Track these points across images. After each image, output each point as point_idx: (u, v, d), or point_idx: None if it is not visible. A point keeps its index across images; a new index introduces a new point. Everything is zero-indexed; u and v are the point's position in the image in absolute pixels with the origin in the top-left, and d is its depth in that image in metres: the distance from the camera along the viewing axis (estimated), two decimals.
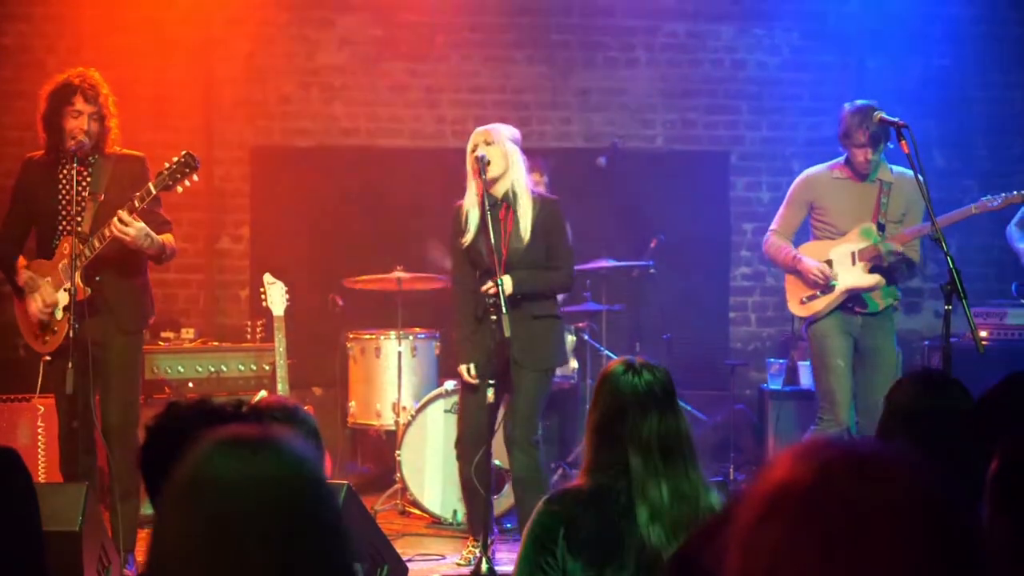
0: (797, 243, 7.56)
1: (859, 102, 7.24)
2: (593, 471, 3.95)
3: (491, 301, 6.47)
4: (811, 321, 7.40)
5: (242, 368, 8.48)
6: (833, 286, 7.28)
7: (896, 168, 7.36)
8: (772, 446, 8.78)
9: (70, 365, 6.17)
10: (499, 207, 6.72)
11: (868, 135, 7.12)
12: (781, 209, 7.64)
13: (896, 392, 3.97)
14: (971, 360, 6.64)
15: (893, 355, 7.42)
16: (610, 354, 8.81)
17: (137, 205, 6.34)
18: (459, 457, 7.00)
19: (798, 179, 7.63)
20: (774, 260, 7.73)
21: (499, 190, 6.74)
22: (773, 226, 7.62)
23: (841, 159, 7.44)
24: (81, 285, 6.37)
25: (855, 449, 1.62)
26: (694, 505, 3.83)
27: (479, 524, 6.85)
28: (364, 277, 8.63)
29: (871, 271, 7.27)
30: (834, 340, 7.32)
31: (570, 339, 8.72)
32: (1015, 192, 7.27)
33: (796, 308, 7.48)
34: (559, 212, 6.96)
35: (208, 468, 1.83)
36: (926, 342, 9.21)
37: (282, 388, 7.57)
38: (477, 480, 6.80)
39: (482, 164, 6.65)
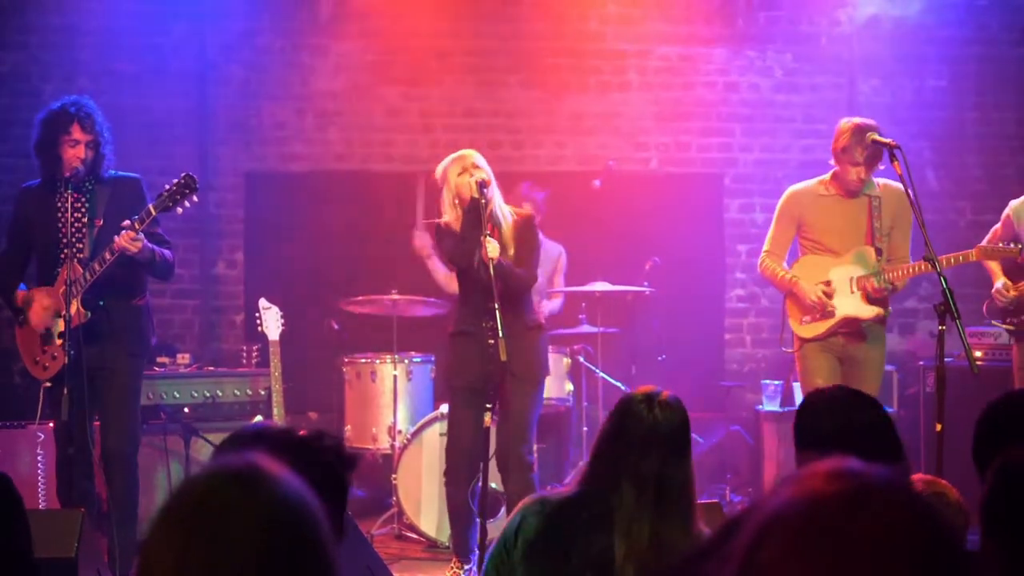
0: (790, 258, 7.55)
1: (858, 119, 7.16)
2: (584, 482, 3.97)
3: (488, 325, 6.48)
4: (803, 343, 7.37)
5: (238, 393, 8.47)
6: (833, 312, 7.23)
7: (880, 180, 7.31)
8: (768, 468, 8.79)
9: (66, 391, 6.19)
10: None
11: (867, 154, 7.05)
12: (771, 228, 7.60)
13: (801, 409, 4.00)
14: (966, 380, 6.67)
15: (879, 367, 7.35)
16: (606, 376, 8.83)
17: (138, 226, 6.38)
18: (450, 482, 6.99)
19: (784, 196, 7.56)
20: (769, 280, 7.73)
21: (487, 212, 6.77)
22: (766, 247, 7.58)
23: (827, 175, 7.37)
24: (82, 310, 6.41)
25: (849, 476, 1.63)
26: (670, 557, 3.80)
27: (464, 546, 6.89)
28: (360, 297, 8.65)
29: (870, 300, 7.22)
30: (815, 360, 7.31)
31: (565, 361, 8.74)
32: (1013, 244, 7.24)
33: (798, 328, 7.39)
34: (533, 225, 7.12)
35: (199, 496, 1.84)
36: (921, 362, 9.21)
37: (278, 413, 7.58)
38: (475, 505, 6.81)
39: (483, 187, 6.69)
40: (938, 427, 6.02)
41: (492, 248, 6.56)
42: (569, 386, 8.74)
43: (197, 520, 1.79)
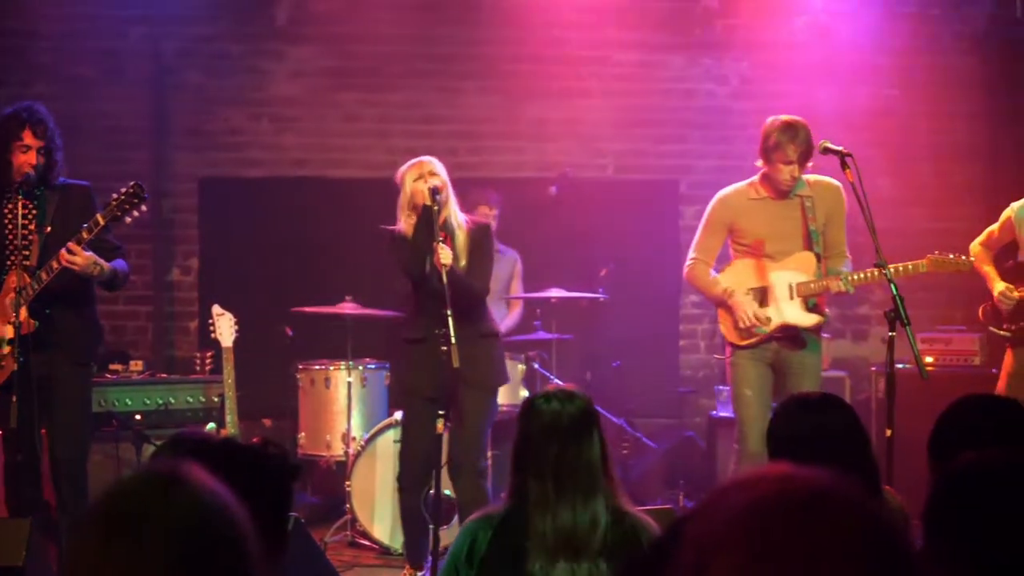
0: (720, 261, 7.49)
1: (785, 116, 7.06)
2: (510, 495, 4.02)
3: (441, 332, 6.48)
4: (734, 349, 7.27)
5: (191, 400, 8.45)
6: (769, 318, 7.14)
7: (809, 177, 7.20)
8: (722, 473, 8.81)
9: (14, 399, 6.15)
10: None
11: (799, 152, 6.93)
12: (699, 234, 7.43)
13: (777, 419, 4.03)
14: (917, 386, 6.70)
15: (815, 373, 7.26)
16: (560, 383, 8.82)
17: (86, 236, 6.34)
18: (403, 488, 6.98)
19: (713, 202, 7.42)
20: (700, 291, 7.63)
21: (440, 220, 6.75)
22: (693, 253, 7.41)
23: (756, 177, 7.26)
24: (28, 318, 6.36)
25: (798, 485, 1.63)
26: (577, 537, 3.87)
27: (417, 552, 6.88)
28: (312, 309, 8.63)
29: (809, 308, 7.15)
30: (744, 368, 7.21)
31: (520, 368, 8.74)
32: (964, 257, 7.19)
33: (729, 334, 7.29)
34: (489, 234, 7.14)
35: (119, 500, 1.84)
36: (873, 368, 9.26)
37: (231, 420, 7.55)
38: (428, 512, 6.81)
39: (438, 195, 6.68)
40: (888, 432, 6.06)
41: (444, 255, 6.55)
42: (524, 392, 8.73)
43: (116, 524, 1.80)
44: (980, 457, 2.79)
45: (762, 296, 7.21)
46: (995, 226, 7.78)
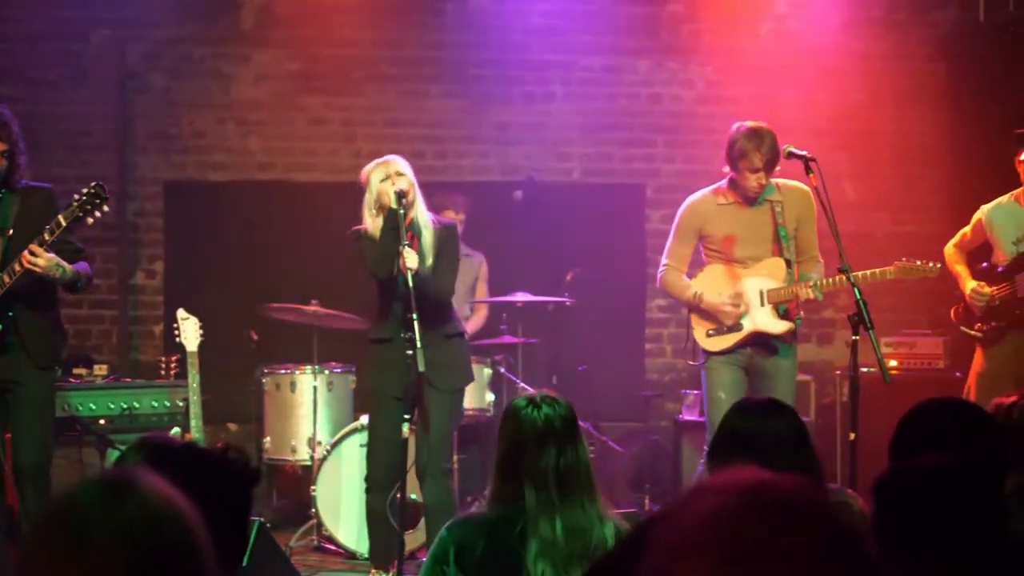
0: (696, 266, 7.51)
1: (751, 123, 7.02)
2: (495, 502, 4.02)
3: (407, 336, 6.46)
4: (708, 355, 7.28)
5: (155, 405, 8.40)
6: (741, 325, 7.15)
7: (779, 181, 7.19)
8: (687, 477, 8.82)
9: None
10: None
11: (765, 160, 6.90)
12: (670, 241, 7.43)
13: (731, 416, 4.05)
14: (881, 390, 6.73)
15: (789, 377, 7.29)
16: (526, 387, 8.81)
17: (47, 238, 6.30)
18: (370, 488, 6.95)
19: (683, 208, 7.40)
20: (673, 297, 7.65)
21: (407, 221, 6.74)
22: (665, 259, 7.42)
23: (724, 183, 7.23)
24: None
25: (763, 490, 1.63)
26: (587, 539, 3.90)
27: (382, 557, 6.86)
28: (278, 305, 8.61)
29: (780, 314, 7.16)
30: (719, 372, 7.21)
31: (486, 372, 8.72)
32: (931, 264, 7.18)
33: (704, 341, 7.28)
34: (455, 235, 7.13)
35: (69, 506, 1.83)
36: (837, 372, 9.30)
37: (195, 424, 7.51)
38: (392, 515, 6.79)
39: (404, 198, 6.66)
40: (852, 436, 6.09)
41: (411, 259, 6.53)
42: (490, 396, 8.73)
43: (67, 531, 1.78)
44: (910, 463, 2.82)
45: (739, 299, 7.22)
46: (967, 228, 7.90)
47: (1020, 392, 4.32)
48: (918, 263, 7.13)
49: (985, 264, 7.79)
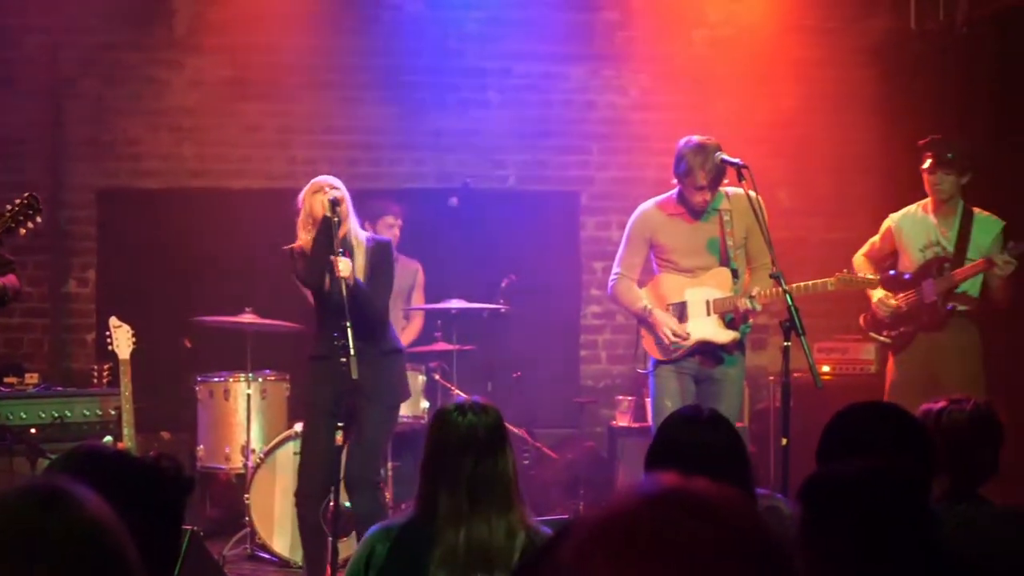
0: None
1: (698, 138, 7.00)
2: (416, 507, 4.02)
3: (340, 343, 6.45)
4: (656, 363, 7.32)
5: (87, 413, 8.31)
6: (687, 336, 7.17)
7: (728, 190, 7.20)
8: (621, 482, 8.84)
9: None
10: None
11: (710, 177, 6.92)
12: (621, 250, 7.44)
13: (666, 425, 4.07)
14: (814, 394, 6.78)
15: (737, 384, 7.37)
16: (461, 394, 8.82)
17: None
18: (301, 503, 6.94)
19: (634, 217, 7.41)
20: (624, 308, 7.66)
21: (340, 236, 6.72)
22: (617, 268, 7.42)
23: (674, 194, 7.24)
24: None
25: (682, 488, 1.65)
26: (488, 551, 3.88)
27: (316, 565, 6.85)
28: (212, 318, 8.57)
29: (726, 324, 7.19)
30: (666, 380, 7.24)
31: (420, 379, 8.72)
32: (871, 275, 7.36)
33: (651, 349, 7.32)
34: (389, 251, 7.11)
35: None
36: (771, 377, 9.36)
37: (128, 433, 7.48)
38: (326, 524, 6.78)
39: (337, 206, 6.65)
40: (784, 441, 6.13)
41: (344, 266, 6.53)
42: (425, 403, 8.72)
43: None
44: (836, 467, 2.85)
45: (680, 312, 7.25)
46: (876, 237, 8.09)
47: (949, 398, 4.36)
48: (859, 275, 7.30)
49: (893, 272, 7.93)
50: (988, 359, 7.83)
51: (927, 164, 7.68)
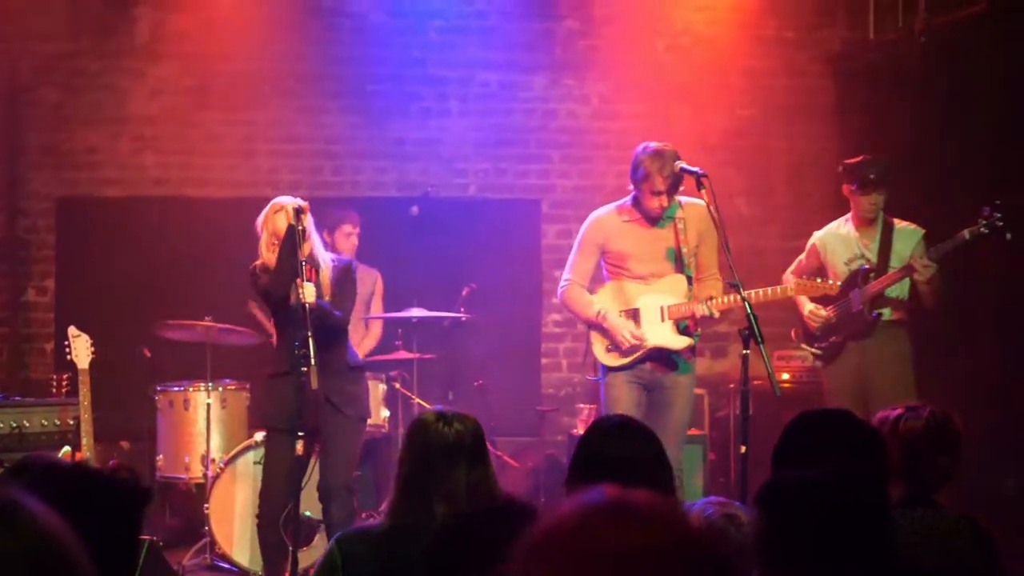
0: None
1: (655, 145, 7.06)
2: (396, 514, 4.00)
3: (301, 352, 6.44)
4: (607, 370, 7.33)
5: (45, 423, 8.26)
6: (642, 343, 7.18)
7: (682, 199, 7.25)
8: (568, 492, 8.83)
9: None
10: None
11: (668, 182, 6.97)
12: (573, 256, 7.49)
13: (588, 437, 4.09)
14: (773, 402, 6.82)
15: (688, 392, 7.36)
16: (421, 403, 8.82)
17: None
18: (264, 524, 6.91)
19: (587, 223, 7.46)
20: (574, 313, 7.66)
21: (304, 250, 6.70)
22: (567, 275, 7.46)
23: (628, 200, 7.30)
24: None
25: (618, 497, 1.68)
26: None
27: (276, 574, 6.83)
28: (172, 322, 8.54)
29: (680, 331, 7.23)
30: (618, 389, 7.25)
31: (381, 388, 8.72)
32: (830, 281, 7.44)
33: (603, 356, 7.31)
34: (352, 272, 7.12)
35: None
36: (731, 385, 9.39)
37: (86, 443, 7.44)
38: (285, 533, 6.75)
39: (300, 213, 6.65)
40: (743, 449, 6.15)
41: (309, 292, 6.52)
42: (385, 412, 8.72)
43: None
44: (792, 475, 2.87)
45: (633, 319, 7.26)
46: (802, 255, 8.31)
47: (906, 405, 4.40)
48: (817, 280, 7.41)
49: None
50: (919, 364, 7.97)
51: (855, 187, 7.86)
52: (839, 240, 8.10)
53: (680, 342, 7.22)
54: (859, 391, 7.80)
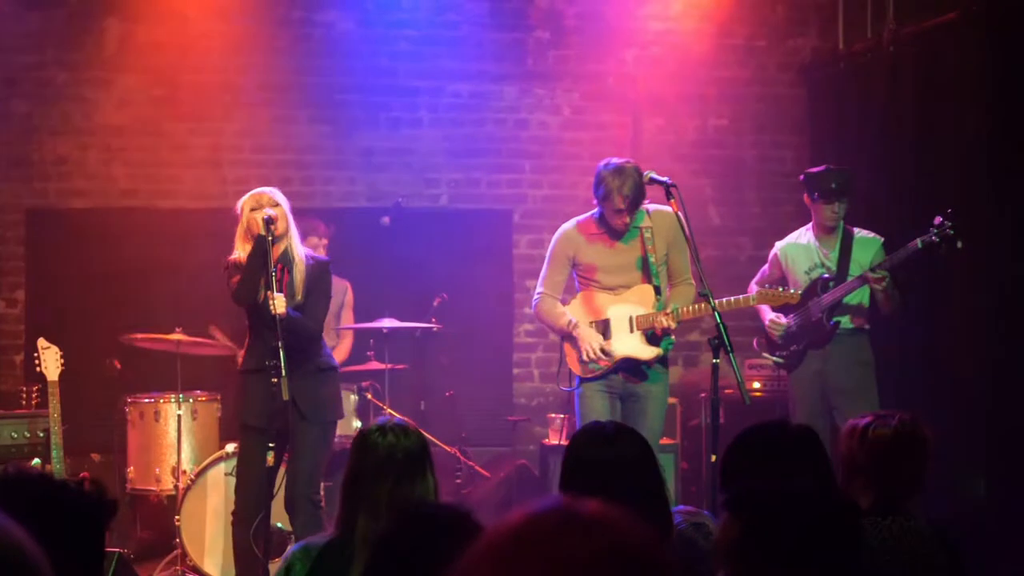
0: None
1: (617, 161, 7.14)
2: (337, 525, 4.01)
3: (272, 364, 6.43)
4: (580, 380, 7.39)
5: (15, 435, 8.23)
6: (611, 354, 7.24)
7: (650, 207, 7.30)
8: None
9: None
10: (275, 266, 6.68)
11: (628, 201, 7.02)
12: (545, 268, 7.57)
13: (572, 444, 4.10)
14: (744, 411, 6.85)
15: (660, 400, 7.40)
16: (393, 413, 8.79)
17: None
18: (238, 523, 6.89)
19: (556, 236, 7.53)
20: (547, 324, 7.70)
21: (277, 251, 6.72)
22: (540, 287, 7.53)
23: (596, 213, 7.35)
24: None
25: (566, 506, 1.69)
26: None
27: None
28: (142, 335, 8.51)
29: (649, 341, 7.27)
30: (591, 399, 7.30)
31: (352, 398, 8.71)
32: (792, 291, 7.51)
33: (575, 366, 7.39)
34: (327, 272, 7.09)
35: None
36: (703, 394, 9.40)
37: (56, 455, 7.42)
38: (256, 544, 6.73)
39: (269, 224, 6.63)
40: (713, 457, 6.18)
41: (279, 303, 6.51)
42: (357, 423, 8.71)
43: None
44: (761, 486, 2.87)
45: (604, 329, 7.31)
46: (766, 266, 8.41)
47: (875, 413, 4.41)
48: (780, 289, 7.46)
49: None
50: (880, 371, 8.03)
51: (816, 196, 7.92)
52: (799, 249, 8.19)
53: (648, 352, 7.25)
54: (822, 397, 7.93)
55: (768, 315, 8.15)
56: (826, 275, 7.96)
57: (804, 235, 8.23)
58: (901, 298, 7.91)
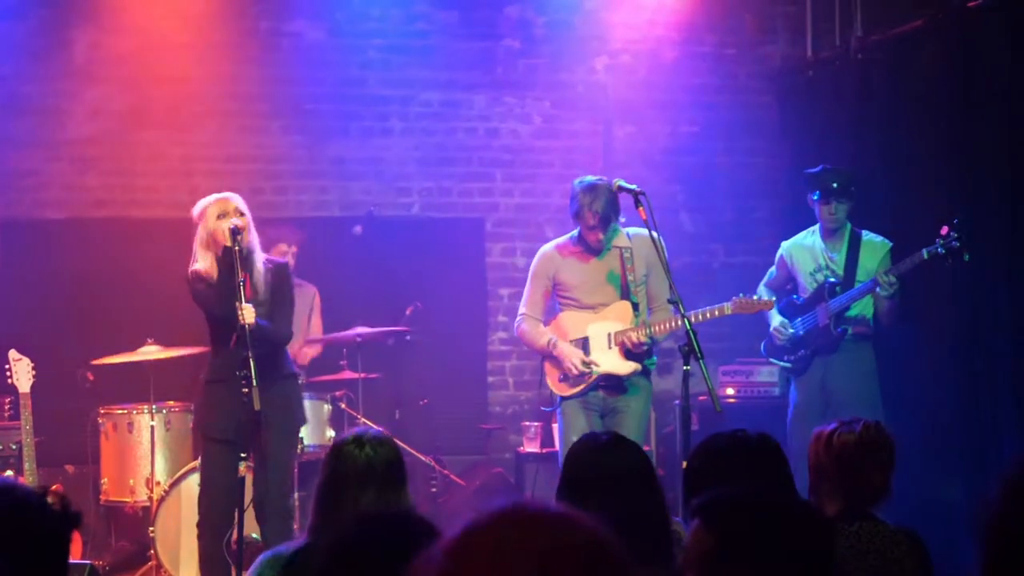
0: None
1: (589, 179, 7.25)
2: (311, 533, 4.01)
3: (242, 374, 6.42)
4: (561, 399, 7.48)
5: None
6: (590, 371, 7.34)
7: (631, 230, 7.41)
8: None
9: None
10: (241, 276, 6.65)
11: (598, 217, 7.13)
12: (526, 290, 7.67)
13: (569, 457, 4.11)
14: (718, 417, 6.87)
15: (640, 415, 7.48)
16: (367, 422, 8.78)
17: None
18: (204, 533, 6.88)
19: (536, 257, 7.65)
20: (530, 346, 7.81)
21: (240, 274, 6.68)
22: (523, 309, 7.65)
23: (576, 233, 7.46)
24: None
25: (518, 507, 1.73)
26: None
27: None
28: (111, 360, 8.49)
29: (627, 356, 7.34)
30: (574, 417, 7.41)
31: (326, 408, 8.71)
32: (765, 298, 7.58)
33: (555, 386, 7.51)
34: (287, 274, 7.12)
35: None
36: (676, 401, 9.41)
37: (29, 467, 7.40)
38: (230, 555, 6.73)
39: (236, 235, 6.62)
40: (684, 464, 6.19)
41: (248, 314, 6.50)
42: (330, 433, 8.70)
43: None
44: (736, 493, 2.89)
45: (583, 347, 7.44)
46: (773, 267, 8.40)
47: (840, 420, 4.44)
48: (755, 298, 7.50)
49: (791, 297, 8.19)
50: (885, 379, 8.03)
51: (817, 195, 7.93)
52: (804, 251, 8.22)
53: (626, 367, 7.38)
54: (824, 406, 7.92)
55: (774, 320, 8.20)
56: (832, 279, 7.98)
57: (810, 236, 8.26)
58: (899, 308, 7.92)
